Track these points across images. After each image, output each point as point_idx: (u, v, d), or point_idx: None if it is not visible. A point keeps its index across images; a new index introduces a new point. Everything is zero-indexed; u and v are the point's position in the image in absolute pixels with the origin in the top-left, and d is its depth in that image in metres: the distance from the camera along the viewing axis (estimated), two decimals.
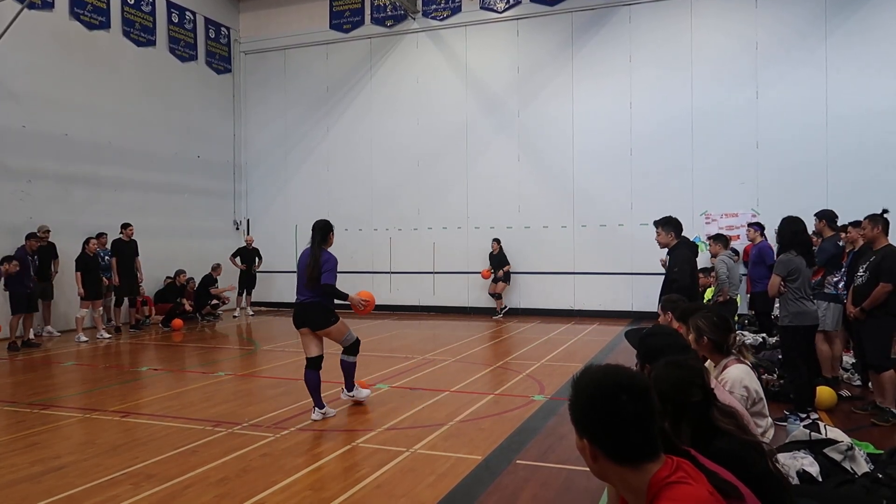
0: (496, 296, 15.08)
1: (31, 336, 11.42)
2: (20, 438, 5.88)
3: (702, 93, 13.96)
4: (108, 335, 12.36)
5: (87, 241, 12.32)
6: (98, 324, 12.44)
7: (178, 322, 13.57)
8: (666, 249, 7.20)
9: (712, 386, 2.69)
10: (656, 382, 2.38)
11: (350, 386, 6.82)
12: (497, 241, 15.12)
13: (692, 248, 7.03)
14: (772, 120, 13.48)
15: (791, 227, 6.26)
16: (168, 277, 14.92)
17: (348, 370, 6.75)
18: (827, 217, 7.86)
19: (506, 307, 15.13)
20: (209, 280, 15.13)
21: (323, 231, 6.62)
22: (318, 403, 6.38)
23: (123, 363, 9.95)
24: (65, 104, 13.19)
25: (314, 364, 6.40)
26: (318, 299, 6.39)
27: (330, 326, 6.46)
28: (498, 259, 15.07)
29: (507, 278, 15.01)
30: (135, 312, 13.61)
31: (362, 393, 6.90)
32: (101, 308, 12.57)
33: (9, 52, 11.86)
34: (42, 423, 6.39)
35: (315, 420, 6.30)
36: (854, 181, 12.64)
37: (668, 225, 6.89)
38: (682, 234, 7.19)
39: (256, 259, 16.17)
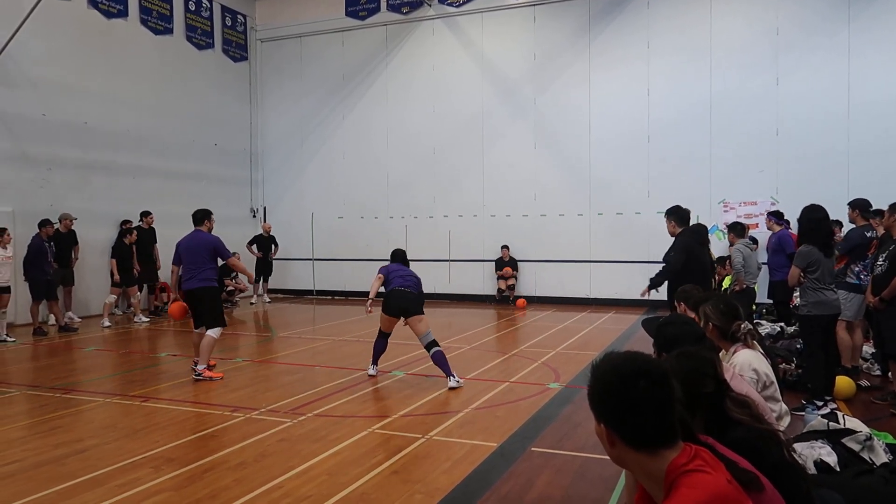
0: (510, 287, 15.29)
1: (66, 321, 11.69)
2: (43, 422, 5.99)
3: (721, 79, 13.78)
4: (146, 319, 12.67)
5: (125, 234, 12.82)
6: (136, 308, 12.82)
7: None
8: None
9: (727, 376, 2.68)
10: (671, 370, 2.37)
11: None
12: (506, 247, 15.29)
13: (699, 237, 6.92)
14: (792, 107, 13.29)
15: (809, 216, 6.19)
16: None
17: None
18: (860, 207, 7.74)
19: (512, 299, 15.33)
20: (226, 268, 15.18)
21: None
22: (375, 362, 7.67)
23: (143, 349, 10.08)
24: (84, 92, 13.30)
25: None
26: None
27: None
28: (510, 264, 15.32)
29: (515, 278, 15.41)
30: (153, 299, 13.78)
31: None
32: (138, 294, 12.89)
33: (29, 41, 11.95)
34: (65, 407, 6.50)
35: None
36: (876, 170, 12.44)
37: (673, 215, 6.86)
38: (695, 222, 7.12)
39: (273, 247, 16.27)
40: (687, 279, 6.43)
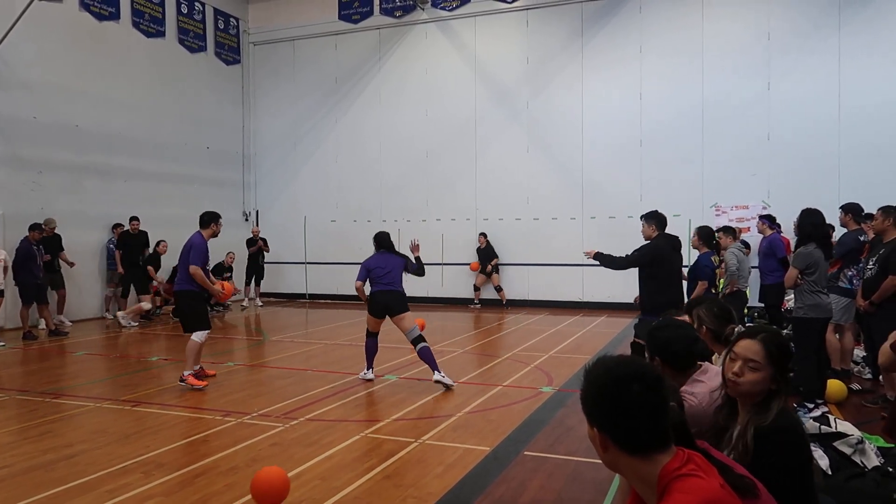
0: (498, 288, 15.30)
1: (55, 325, 11.57)
2: (33, 427, 5.94)
3: (713, 83, 13.84)
4: (135, 323, 12.60)
5: (157, 244, 13.32)
6: (129, 311, 12.80)
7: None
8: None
9: (720, 379, 2.72)
10: (787, 350, 2.57)
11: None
12: (484, 234, 15.33)
13: (673, 242, 6.93)
14: (784, 111, 13.36)
15: (811, 220, 6.22)
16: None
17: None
18: (853, 210, 7.79)
19: (506, 304, 15.28)
20: (221, 268, 15.02)
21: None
22: (369, 366, 7.62)
23: (134, 353, 10.02)
24: (76, 95, 13.23)
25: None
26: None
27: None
28: (486, 253, 15.31)
29: (496, 269, 15.35)
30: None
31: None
32: (149, 302, 13.09)
33: (20, 43, 11.89)
34: (54, 411, 6.45)
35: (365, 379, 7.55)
36: (867, 174, 12.51)
37: (652, 218, 6.87)
38: (703, 226, 7.16)
39: (264, 246, 16.03)
40: (655, 284, 6.50)
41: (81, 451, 5.20)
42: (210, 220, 7.78)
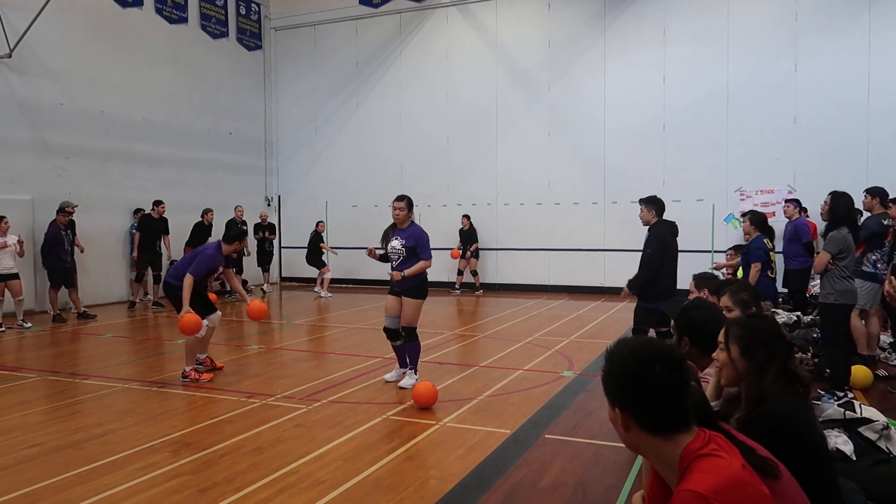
0: (473, 272, 15.31)
1: (83, 309, 11.70)
2: (63, 407, 6.08)
3: (738, 66, 13.61)
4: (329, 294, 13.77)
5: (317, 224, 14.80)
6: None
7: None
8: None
9: None
10: (748, 330, 2.55)
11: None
12: (467, 216, 15.38)
13: (672, 228, 6.98)
14: (811, 93, 13.10)
15: (845, 203, 6.14)
16: None
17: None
18: (880, 194, 7.65)
19: (479, 288, 15.36)
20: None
21: None
22: (402, 363, 6.82)
23: (160, 336, 10.19)
24: (100, 81, 13.39)
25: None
26: None
27: None
28: (468, 235, 15.32)
29: (476, 255, 15.34)
30: (159, 289, 13.78)
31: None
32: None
33: (46, 30, 12.03)
34: (84, 392, 6.60)
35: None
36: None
37: (652, 203, 6.96)
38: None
39: (268, 234, 15.99)
40: (661, 271, 6.54)
41: (110, 431, 5.32)
42: (237, 237, 7.37)
